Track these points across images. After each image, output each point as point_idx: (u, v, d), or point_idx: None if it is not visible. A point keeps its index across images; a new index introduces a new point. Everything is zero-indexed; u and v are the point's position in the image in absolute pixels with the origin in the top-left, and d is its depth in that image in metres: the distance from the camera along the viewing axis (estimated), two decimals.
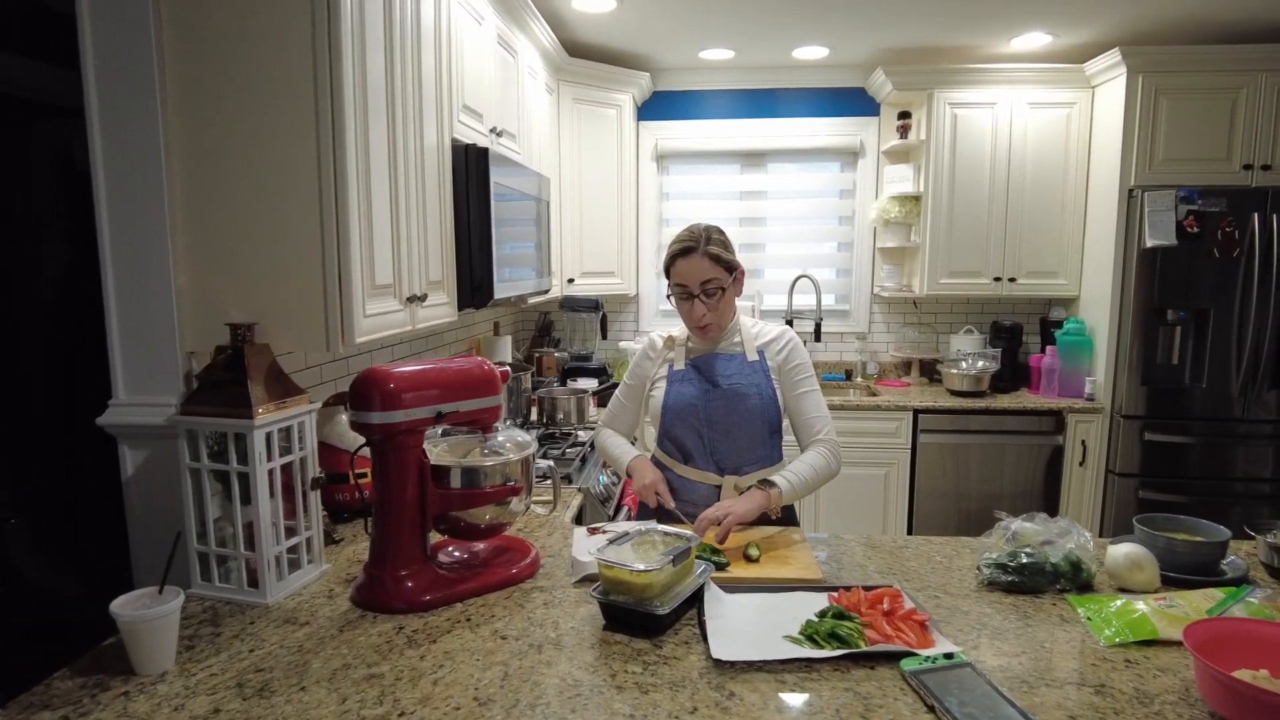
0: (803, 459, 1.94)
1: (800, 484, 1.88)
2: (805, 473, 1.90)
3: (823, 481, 1.94)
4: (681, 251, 1.94)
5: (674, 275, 1.96)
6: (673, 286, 1.98)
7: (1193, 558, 1.62)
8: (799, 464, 1.92)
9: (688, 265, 1.93)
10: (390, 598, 1.50)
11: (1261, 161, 3.66)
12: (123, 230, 1.63)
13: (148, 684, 1.23)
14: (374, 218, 1.80)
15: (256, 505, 1.50)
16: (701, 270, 1.92)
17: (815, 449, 1.96)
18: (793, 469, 1.90)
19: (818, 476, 1.92)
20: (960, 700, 1.14)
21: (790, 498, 1.86)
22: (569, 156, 3.93)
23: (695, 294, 1.93)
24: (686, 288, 1.94)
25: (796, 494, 1.87)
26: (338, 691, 1.21)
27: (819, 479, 1.93)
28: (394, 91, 1.90)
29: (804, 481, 1.89)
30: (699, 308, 1.94)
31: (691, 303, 1.94)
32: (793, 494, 1.86)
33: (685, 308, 1.97)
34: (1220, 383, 3.68)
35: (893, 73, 4.07)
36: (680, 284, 1.95)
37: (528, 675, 1.26)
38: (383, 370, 1.49)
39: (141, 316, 1.65)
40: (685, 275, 1.94)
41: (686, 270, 1.93)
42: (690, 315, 1.97)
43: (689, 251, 1.93)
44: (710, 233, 1.96)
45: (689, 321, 1.99)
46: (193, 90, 1.65)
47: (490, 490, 1.58)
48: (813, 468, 1.92)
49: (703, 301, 1.93)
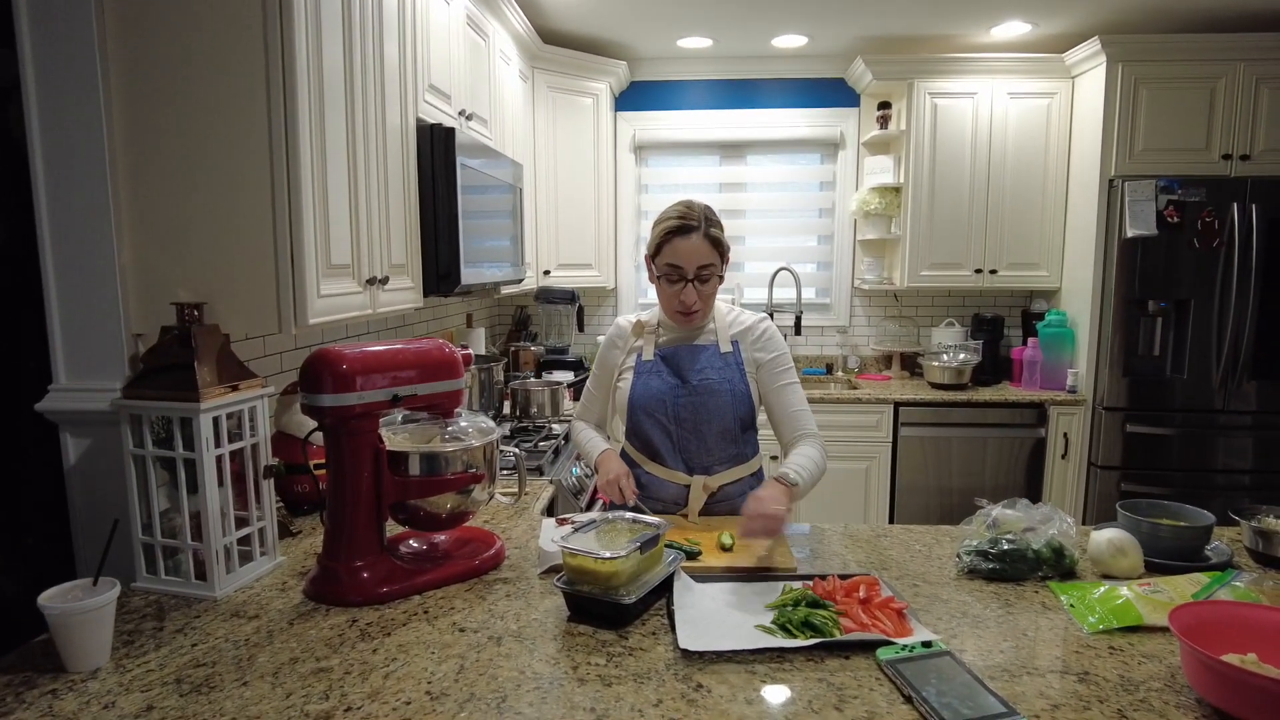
0: (803, 453, 1.83)
1: (809, 479, 1.78)
2: (810, 468, 1.79)
3: (819, 478, 1.83)
4: (680, 229, 1.78)
5: (667, 255, 1.79)
6: (663, 267, 1.80)
7: (1176, 543, 1.58)
8: (801, 459, 1.80)
9: (687, 245, 1.77)
10: (344, 590, 1.43)
11: (1240, 151, 3.64)
12: (62, 206, 1.55)
13: (78, 681, 1.16)
14: (330, 195, 1.72)
15: (204, 493, 1.43)
16: (700, 253, 1.78)
17: (809, 444, 1.86)
18: (798, 464, 1.78)
19: (818, 472, 1.82)
20: (939, 690, 1.09)
21: (802, 494, 1.76)
22: (544, 146, 3.87)
23: (689, 278, 1.78)
24: (681, 270, 1.78)
25: (805, 491, 1.77)
26: (282, 686, 1.14)
27: (818, 475, 1.82)
28: (353, 67, 1.83)
29: (811, 477, 1.79)
30: (691, 293, 1.80)
31: (683, 286, 1.79)
32: (803, 491, 1.76)
33: (674, 290, 1.81)
34: (1201, 374, 3.66)
35: (872, 62, 4.04)
36: (674, 265, 1.79)
37: (485, 668, 1.19)
38: (335, 350, 1.42)
39: (83, 297, 1.57)
40: (683, 256, 1.78)
41: (686, 250, 1.77)
42: (680, 300, 1.81)
43: (689, 230, 1.77)
44: (709, 212, 1.82)
45: (675, 307, 1.84)
46: (136, 63, 1.56)
47: (451, 478, 1.51)
48: (814, 462, 1.81)
49: (696, 288, 1.80)
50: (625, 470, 1.88)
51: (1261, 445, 3.69)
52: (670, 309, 1.87)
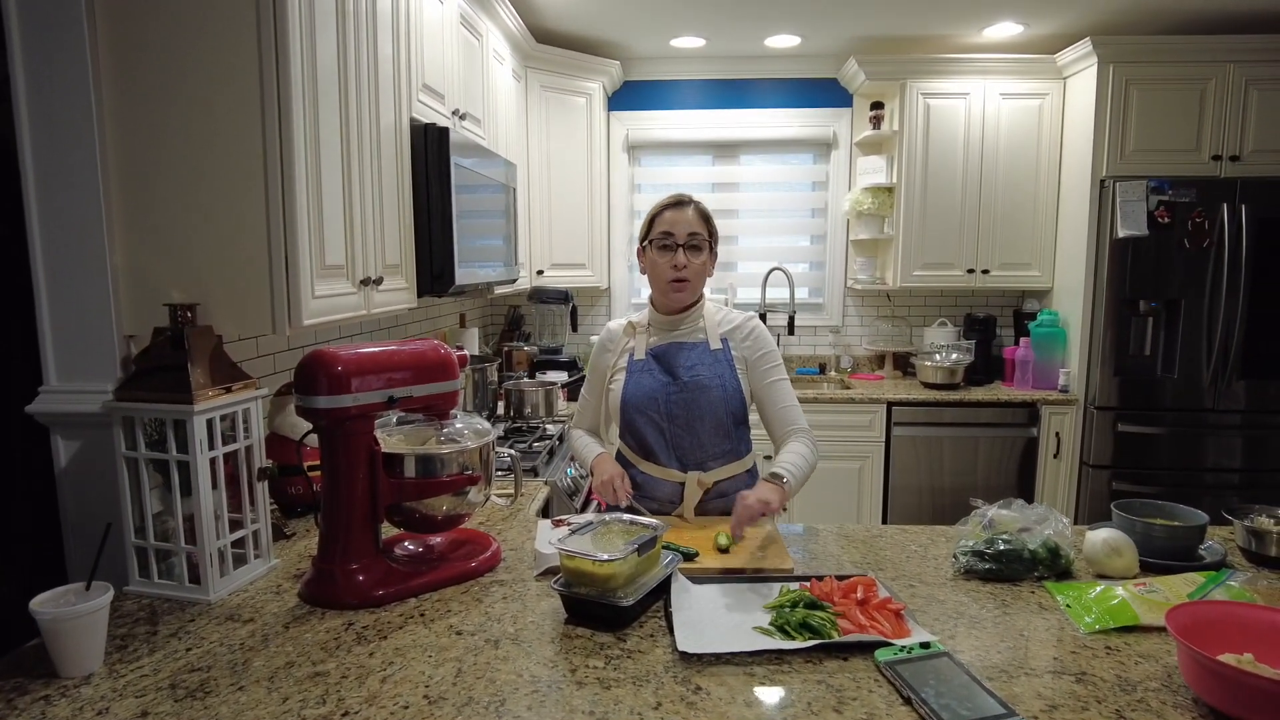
0: (794, 450, 1.86)
1: (801, 477, 1.82)
2: (801, 465, 1.83)
3: (810, 474, 1.87)
4: (673, 204, 1.92)
5: (660, 224, 1.90)
6: (656, 235, 1.90)
7: (1171, 542, 1.58)
8: (792, 455, 1.84)
9: (677, 215, 1.90)
10: (340, 593, 1.42)
11: (1230, 152, 3.66)
12: (52, 206, 1.53)
13: (70, 687, 1.15)
14: (324, 195, 1.71)
15: (197, 496, 1.41)
16: (691, 221, 1.89)
17: (800, 440, 1.89)
18: (789, 461, 1.82)
19: (809, 468, 1.85)
20: (937, 691, 1.09)
21: (794, 492, 1.79)
22: (537, 145, 3.85)
23: (680, 243, 1.88)
24: (672, 235, 1.88)
25: (797, 488, 1.81)
26: (278, 691, 1.14)
27: (810, 471, 1.86)
28: (347, 66, 1.82)
29: (803, 474, 1.83)
30: (680, 257, 1.87)
31: (674, 253, 1.88)
32: (795, 488, 1.79)
33: (665, 259, 1.88)
34: (1191, 373, 3.68)
35: (865, 63, 4.04)
36: (666, 231, 1.89)
37: (483, 672, 1.19)
38: (330, 351, 1.41)
39: (74, 298, 1.55)
40: (673, 223, 1.89)
41: (676, 219, 1.89)
42: (669, 265, 1.88)
43: (681, 205, 1.92)
44: (698, 197, 1.97)
45: (664, 274, 1.89)
46: (128, 62, 1.55)
47: (446, 480, 1.50)
48: (805, 459, 1.85)
49: (686, 254, 1.88)
50: (619, 471, 1.88)
51: (1250, 444, 3.71)
52: (662, 282, 1.91)
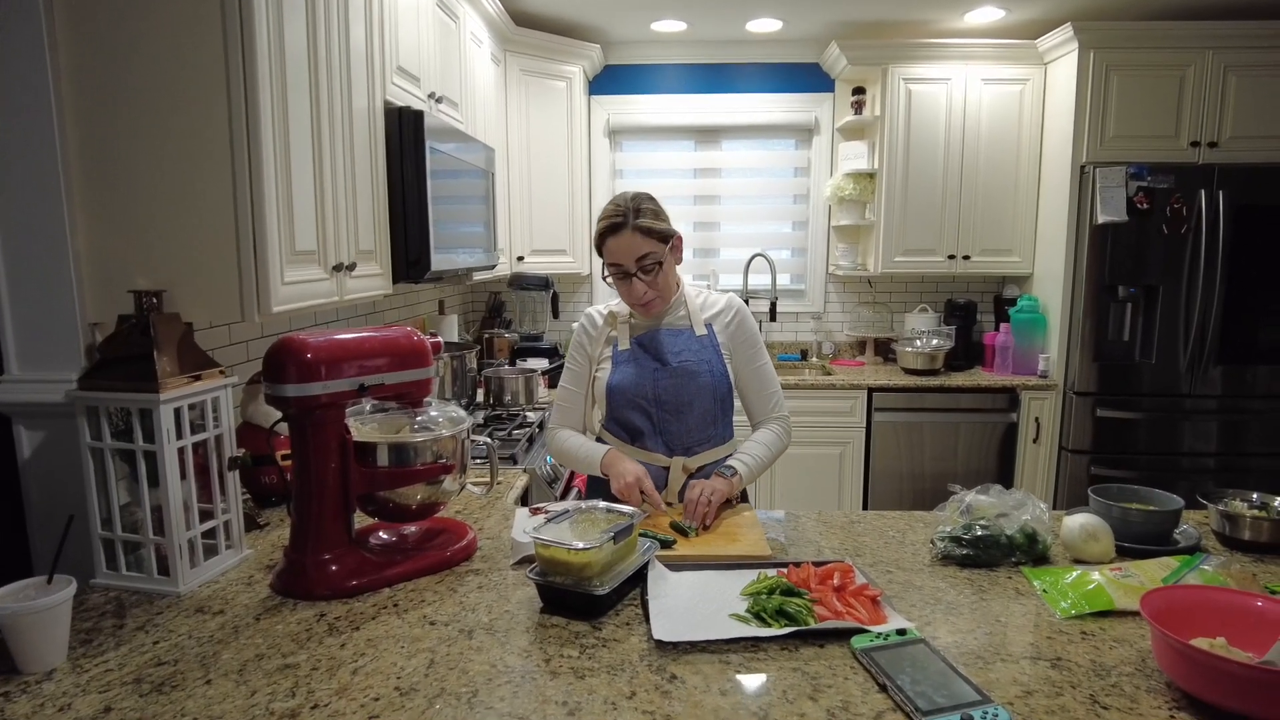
0: (757, 440, 1.92)
1: (757, 466, 1.87)
2: (761, 454, 1.89)
3: (775, 459, 1.93)
4: (610, 229, 1.81)
5: (606, 254, 1.83)
6: (607, 266, 1.85)
7: (1147, 527, 1.59)
8: (754, 445, 1.90)
9: (618, 243, 1.80)
10: (312, 584, 1.40)
11: (1208, 139, 3.68)
12: (7, 189, 1.49)
13: (32, 683, 1.12)
14: (294, 179, 1.67)
15: (165, 486, 1.38)
16: (634, 246, 1.79)
17: (768, 427, 1.95)
18: (748, 451, 1.88)
19: (771, 456, 1.92)
20: (913, 678, 1.08)
21: (748, 481, 1.85)
22: (517, 130, 3.81)
23: (632, 273, 1.81)
24: (621, 266, 1.81)
25: (753, 476, 1.87)
26: (247, 684, 1.12)
27: (772, 458, 1.92)
28: (317, 47, 1.78)
29: (760, 463, 1.88)
30: (638, 286, 1.82)
31: (630, 282, 1.82)
32: (750, 477, 1.85)
33: (624, 287, 1.84)
34: (1169, 359, 3.71)
35: (847, 48, 4.02)
36: (615, 263, 1.82)
37: (455, 662, 1.17)
38: (299, 338, 1.38)
39: (35, 283, 1.51)
40: (618, 254, 1.81)
41: (618, 248, 1.80)
42: (630, 295, 1.85)
43: (618, 229, 1.79)
44: (638, 203, 1.82)
45: (630, 300, 1.87)
46: (87, 43, 1.50)
47: (420, 469, 1.48)
48: (767, 447, 1.91)
49: (641, 280, 1.82)
50: (642, 470, 1.80)
51: (1225, 429, 3.75)
52: (631, 304, 1.90)
